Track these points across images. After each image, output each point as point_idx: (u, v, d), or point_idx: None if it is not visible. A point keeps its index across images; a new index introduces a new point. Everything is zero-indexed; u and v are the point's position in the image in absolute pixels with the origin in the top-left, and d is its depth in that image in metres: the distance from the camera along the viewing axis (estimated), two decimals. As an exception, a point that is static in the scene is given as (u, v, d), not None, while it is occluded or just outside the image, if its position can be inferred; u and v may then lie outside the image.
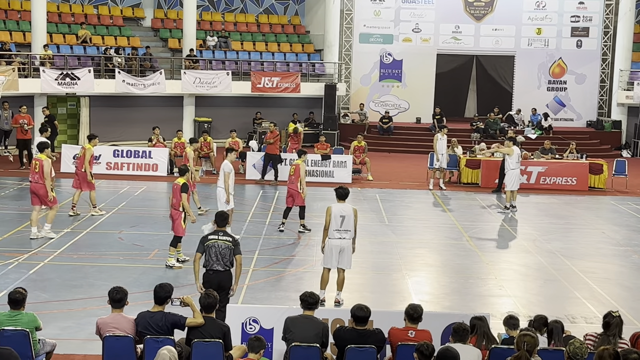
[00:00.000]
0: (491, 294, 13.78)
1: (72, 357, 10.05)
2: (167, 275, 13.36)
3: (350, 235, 12.32)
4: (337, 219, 12.20)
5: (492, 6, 35.58)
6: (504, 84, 36.14)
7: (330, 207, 12.31)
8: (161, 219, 18.68)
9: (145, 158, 24.53)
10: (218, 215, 11.05)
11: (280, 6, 37.18)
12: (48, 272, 13.88)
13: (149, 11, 34.83)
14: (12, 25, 30.63)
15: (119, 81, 29.09)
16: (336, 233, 12.23)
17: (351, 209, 12.33)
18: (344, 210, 12.24)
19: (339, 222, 12.21)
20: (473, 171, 24.76)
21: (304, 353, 8.37)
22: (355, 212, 12.35)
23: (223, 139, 27.71)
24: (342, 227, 12.21)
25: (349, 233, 12.29)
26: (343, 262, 12.41)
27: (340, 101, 34.87)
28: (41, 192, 15.95)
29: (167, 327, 8.56)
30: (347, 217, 12.20)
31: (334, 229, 12.21)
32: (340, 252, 12.33)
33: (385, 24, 35.54)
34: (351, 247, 12.41)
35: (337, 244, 12.26)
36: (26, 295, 8.88)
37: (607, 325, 8.55)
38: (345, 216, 12.20)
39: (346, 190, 12.57)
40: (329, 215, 12.21)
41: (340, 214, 12.22)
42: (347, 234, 12.29)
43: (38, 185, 16.02)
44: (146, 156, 24.62)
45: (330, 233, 12.25)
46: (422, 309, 8.74)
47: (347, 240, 12.32)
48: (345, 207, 12.28)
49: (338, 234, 12.24)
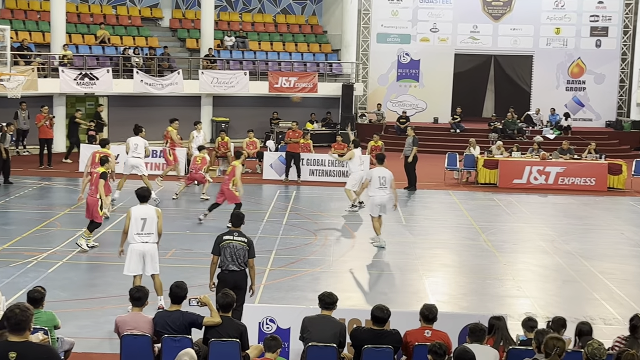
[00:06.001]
0: (509, 295, 13.73)
1: (91, 356, 10.11)
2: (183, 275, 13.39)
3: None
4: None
5: (510, 6, 35.44)
6: (522, 84, 35.99)
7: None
8: (178, 219, 18.77)
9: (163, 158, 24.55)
10: (234, 216, 11.01)
11: (297, 6, 37.21)
12: (67, 271, 13.96)
13: (167, 11, 34.94)
14: (31, 26, 30.84)
15: (137, 81, 29.22)
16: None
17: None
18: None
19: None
20: (490, 171, 24.68)
21: (321, 353, 8.37)
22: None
23: (240, 139, 27.77)
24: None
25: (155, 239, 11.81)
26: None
27: (358, 101, 34.85)
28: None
29: (184, 327, 8.59)
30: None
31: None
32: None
33: (403, 23, 35.48)
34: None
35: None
36: (45, 294, 8.94)
37: (634, 328, 8.46)
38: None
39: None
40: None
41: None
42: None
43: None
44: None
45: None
46: (437, 310, 8.71)
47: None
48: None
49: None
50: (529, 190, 24.11)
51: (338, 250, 16.32)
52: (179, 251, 15.56)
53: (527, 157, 25.29)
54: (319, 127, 32.47)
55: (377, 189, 15.78)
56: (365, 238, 17.11)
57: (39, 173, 24.20)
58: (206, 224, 17.94)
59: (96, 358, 10.09)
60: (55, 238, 16.15)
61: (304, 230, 17.83)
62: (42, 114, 25.47)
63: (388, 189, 15.85)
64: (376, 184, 15.78)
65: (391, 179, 15.96)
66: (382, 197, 15.84)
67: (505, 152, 25.51)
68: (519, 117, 33.50)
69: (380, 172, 16.01)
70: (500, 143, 26.51)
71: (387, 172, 16.06)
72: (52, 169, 24.79)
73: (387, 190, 15.84)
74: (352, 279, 14.62)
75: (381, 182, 15.79)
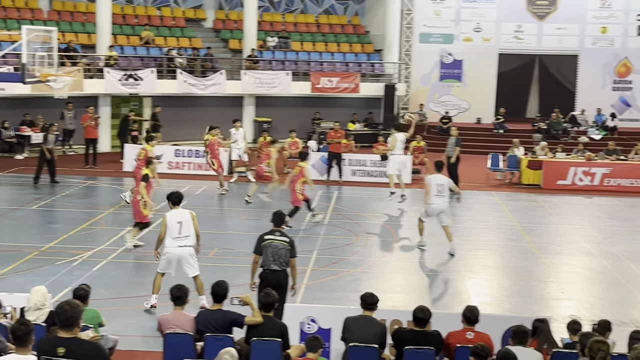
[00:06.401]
0: (553, 297, 13.57)
1: (134, 353, 10.22)
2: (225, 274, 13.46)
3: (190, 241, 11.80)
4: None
5: (555, 5, 35.02)
6: (567, 83, 35.53)
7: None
8: (221, 218, 18.90)
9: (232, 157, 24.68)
10: (275, 215, 11.04)
11: (340, 6, 37.20)
12: (111, 269, 14.14)
13: (211, 12, 35.18)
14: (77, 27, 31.30)
15: (180, 82, 29.48)
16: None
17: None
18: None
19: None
20: (534, 172, 24.42)
21: (362, 353, 8.36)
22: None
23: (282, 139, 27.85)
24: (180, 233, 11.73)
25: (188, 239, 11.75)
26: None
27: (400, 101, 34.74)
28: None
29: (226, 325, 8.64)
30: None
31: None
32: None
33: (446, 23, 35.27)
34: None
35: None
36: (90, 292, 9.06)
37: None
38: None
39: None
40: None
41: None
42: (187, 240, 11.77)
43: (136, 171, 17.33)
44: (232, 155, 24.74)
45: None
46: (479, 311, 8.64)
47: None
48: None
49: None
50: (574, 191, 23.81)
51: (379, 251, 16.29)
52: (221, 250, 15.66)
53: (572, 158, 24.99)
54: (361, 128, 32.43)
55: (434, 196, 15.58)
56: (407, 238, 17.05)
57: (84, 172, 24.54)
58: (249, 224, 18.03)
59: (140, 356, 10.19)
60: (100, 237, 16.37)
61: (346, 231, 17.82)
62: (87, 114, 25.82)
63: (446, 196, 15.70)
64: (434, 191, 15.60)
65: (449, 185, 15.86)
66: (441, 204, 15.62)
67: (550, 152, 25.23)
68: (563, 117, 33.08)
69: (438, 179, 15.81)
70: (545, 144, 26.22)
71: (445, 178, 15.96)
72: (98, 168, 25.12)
73: (445, 197, 15.68)
74: (394, 279, 14.58)
75: (438, 190, 15.60)
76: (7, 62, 24.51)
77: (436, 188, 15.62)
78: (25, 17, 30.06)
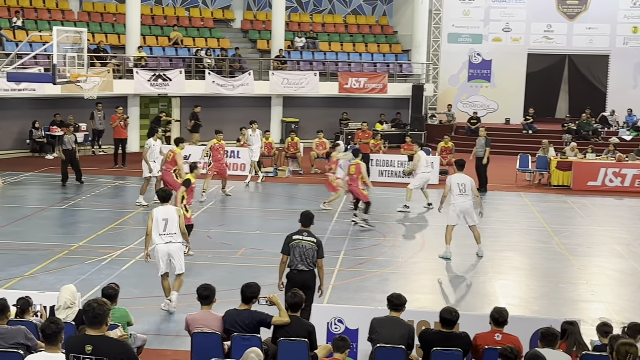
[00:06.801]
0: (582, 300, 13.44)
1: (162, 353, 10.27)
2: (253, 275, 13.50)
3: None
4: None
5: (586, 4, 34.70)
6: (598, 84, 35.19)
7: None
8: (249, 219, 18.94)
9: (234, 158, 24.84)
10: (304, 216, 11.01)
11: (368, 7, 37.16)
12: (140, 268, 14.21)
13: (239, 13, 35.32)
14: (107, 28, 31.56)
15: (209, 82, 29.63)
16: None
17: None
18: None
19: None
20: (564, 173, 24.21)
21: (390, 354, 8.34)
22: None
23: (310, 140, 27.88)
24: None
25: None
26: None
27: (428, 102, 34.62)
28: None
29: (253, 325, 8.66)
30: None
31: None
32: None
33: (475, 23, 35.09)
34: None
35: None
36: (119, 291, 9.13)
37: None
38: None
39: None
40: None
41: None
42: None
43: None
44: (235, 156, 24.93)
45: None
46: (507, 313, 8.58)
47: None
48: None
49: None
50: (604, 192, 23.57)
51: (407, 252, 16.24)
52: (249, 250, 15.71)
53: (603, 159, 24.74)
54: (389, 128, 32.37)
55: (457, 196, 15.32)
56: (435, 239, 16.97)
57: (113, 172, 24.74)
58: (276, 224, 18.06)
59: (168, 355, 10.25)
60: (129, 236, 16.48)
61: (373, 232, 17.79)
62: (117, 114, 26.04)
63: (470, 196, 15.41)
64: (456, 191, 15.33)
65: (472, 185, 15.50)
66: (464, 203, 15.35)
67: (580, 153, 25.00)
68: (594, 118, 32.77)
69: (460, 178, 15.55)
70: (575, 144, 26.00)
71: (467, 178, 15.61)
72: (127, 168, 25.31)
73: (469, 196, 15.38)
74: (422, 280, 14.53)
75: (461, 189, 15.33)
76: (38, 63, 24.80)
77: (458, 188, 15.41)
78: (56, 18, 30.38)
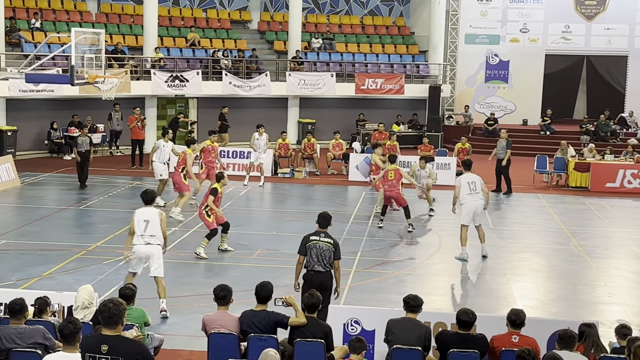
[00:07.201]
0: (600, 301, 13.36)
1: (179, 353, 10.30)
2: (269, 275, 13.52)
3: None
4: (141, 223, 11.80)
5: (604, 5, 34.50)
6: (616, 84, 34.98)
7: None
8: (265, 219, 18.96)
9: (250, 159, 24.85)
10: (321, 216, 10.98)
11: (385, 7, 37.12)
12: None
13: (256, 14, 35.37)
14: (125, 29, 31.71)
15: (225, 83, 29.70)
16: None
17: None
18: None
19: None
20: (582, 174, 24.09)
21: (406, 356, 8.32)
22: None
23: (326, 141, 27.88)
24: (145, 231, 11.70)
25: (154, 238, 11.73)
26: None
27: (445, 103, 34.54)
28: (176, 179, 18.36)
29: (270, 326, 8.67)
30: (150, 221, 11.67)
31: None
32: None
33: (492, 24, 34.98)
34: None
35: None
36: (136, 291, 9.17)
37: None
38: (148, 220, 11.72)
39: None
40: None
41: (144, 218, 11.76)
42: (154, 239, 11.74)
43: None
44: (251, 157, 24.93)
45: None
46: (524, 315, 8.55)
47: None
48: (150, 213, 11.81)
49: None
50: (623, 194, 23.43)
51: (424, 253, 16.20)
52: (265, 251, 15.73)
53: (621, 160, 24.60)
54: (405, 129, 32.31)
55: (467, 195, 15.31)
56: (451, 240, 16.92)
57: (130, 173, 24.85)
58: (292, 224, 18.07)
59: (184, 355, 10.27)
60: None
61: (390, 232, 17.76)
62: (134, 115, 26.15)
63: (479, 194, 15.39)
64: (466, 190, 15.32)
65: (481, 182, 15.56)
66: (475, 202, 15.33)
67: (598, 154, 24.86)
68: (612, 119, 32.56)
69: (469, 177, 15.56)
70: (593, 145, 25.85)
71: (476, 176, 15.61)
72: (144, 169, 25.40)
73: (479, 194, 15.36)
74: (438, 281, 14.49)
75: (471, 188, 15.33)
76: (56, 64, 24.91)
77: (468, 186, 15.38)
78: (74, 19, 30.55)
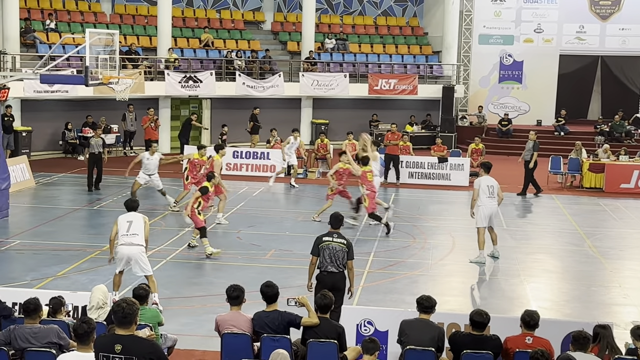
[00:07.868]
0: (615, 303, 13.29)
1: (192, 353, 10.33)
2: (282, 275, 13.54)
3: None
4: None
5: (619, 5, 34.33)
6: (631, 85, 34.81)
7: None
8: (278, 220, 18.97)
9: (264, 159, 24.94)
10: (333, 217, 10.98)
11: (398, 8, 37.08)
12: (170, 269, 14.32)
13: (269, 15, 35.41)
14: (139, 30, 31.82)
15: (239, 84, 29.75)
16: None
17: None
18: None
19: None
20: (596, 175, 23.97)
21: (419, 357, 8.30)
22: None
23: (340, 141, 27.86)
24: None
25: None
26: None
27: (458, 103, 34.46)
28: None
29: (283, 326, 8.67)
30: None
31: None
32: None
33: (506, 24, 34.87)
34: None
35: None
36: (149, 292, 9.20)
37: None
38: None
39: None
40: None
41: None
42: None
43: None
44: (264, 157, 25.03)
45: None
46: (538, 316, 8.51)
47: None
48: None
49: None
50: (637, 195, 23.29)
51: (437, 254, 16.16)
52: (278, 252, 15.75)
53: (636, 161, 24.46)
54: (419, 130, 32.26)
55: (486, 198, 15.29)
56: (465, 241, 16.89)
57: (144, 173, 24.86)
58: (305, 225, 18.07)
59: (198, 355, 10.29)
60: (159, 237, 16.55)
61: (403, 233, 17.74)
62: (147, 116, 26.23)
63: (496, 198, 15.38)
64: (485, 193, 15.28)
65: (498, 188, 15.49)
66: (492, 207, 15.35)
67: (612, 155, 24.73)
68: (627, 119, 32.40)
69: (488, 181, 15.49)
70: (607, 146, 25.72)
71: (494, 181, 15.59)
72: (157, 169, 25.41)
73: (495, 199, 15.37)
74: (451, 282, 14.46)
75: (490, 192, 15.31)
76: (71, 65, 25.02)
77: (488, 190, 15.35)
78: (89, 20, 30.69)
